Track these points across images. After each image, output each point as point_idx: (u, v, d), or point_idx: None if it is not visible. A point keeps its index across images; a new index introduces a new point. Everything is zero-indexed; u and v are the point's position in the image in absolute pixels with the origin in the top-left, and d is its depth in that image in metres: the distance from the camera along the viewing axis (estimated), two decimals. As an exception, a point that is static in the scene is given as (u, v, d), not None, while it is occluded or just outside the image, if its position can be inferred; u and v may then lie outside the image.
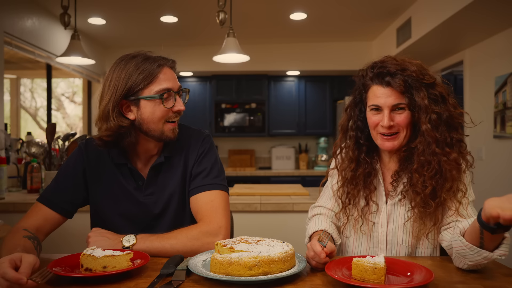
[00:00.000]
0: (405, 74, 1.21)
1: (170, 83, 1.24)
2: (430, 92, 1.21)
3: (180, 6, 3.83)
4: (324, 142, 5.60)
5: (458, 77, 5.34)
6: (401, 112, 1.22)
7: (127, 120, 1.22)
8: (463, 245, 1.02)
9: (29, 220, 1.24)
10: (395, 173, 1.29)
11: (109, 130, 1.20)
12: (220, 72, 5.33)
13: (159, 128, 1.24)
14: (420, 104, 1.20)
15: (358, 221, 1.32)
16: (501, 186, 3.42)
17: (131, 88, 1.20)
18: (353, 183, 1.31)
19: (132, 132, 1.24)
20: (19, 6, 3.48)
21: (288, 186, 3.16)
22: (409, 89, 1.21)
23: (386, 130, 1.23)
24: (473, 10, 2.87)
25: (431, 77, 1.23)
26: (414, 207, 1.23)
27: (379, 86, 1.23)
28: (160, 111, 1.23)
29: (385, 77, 1.22)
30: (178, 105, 1.25)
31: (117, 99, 1.20)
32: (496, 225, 0.92)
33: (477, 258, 1.00)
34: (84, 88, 5.30)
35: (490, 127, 3.60)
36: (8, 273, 0.85)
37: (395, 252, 1.29)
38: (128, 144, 1.26)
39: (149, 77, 1.20)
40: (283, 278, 0.96)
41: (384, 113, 1.22)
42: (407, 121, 1.22)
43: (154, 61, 1.23)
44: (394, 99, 1.21)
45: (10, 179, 3.05)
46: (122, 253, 1.02)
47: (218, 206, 1.27)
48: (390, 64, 1.23)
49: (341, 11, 4.03)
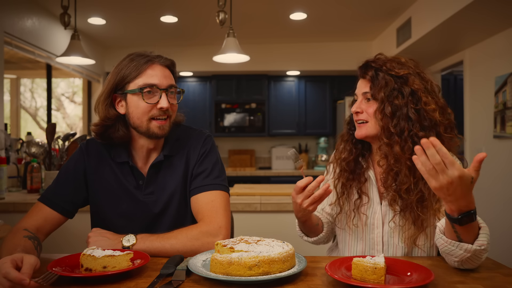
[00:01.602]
0: (376, 67, 1.30)
1: (155, 79, 1.24)
2: (396, 86, 1.25)
3: (180, 6, 3.83)
4: (324, 142, 5.60)
5: (458, 77, 5.34)
6: (369, 101, 1.30)
7: (114, 113, 1.26)
8: (444, 242, 1.03)
9: (30, 220, 1.24)
10: (382, 175, 1.31)
11: (98, 121, 1.27)
12: (220, 72, 5.33)
13: (144, 125, 1.25)
14: (378, 95, 1.27)
15: (350, 215, 1.35)
16: (501, 186, 3.42)
17: (120, 81, 1.24)
18: (346, 172, 1.37)
19: (119, 126, 1.28)
20: (19, 6, 3.48)
21: (288, 186, 3.16)
22: (375, 80, 1.28)
23: (356, 116, 1.33)
24: (473, 10, 2.87)
25: (403, 71, 1.27)
26: (401, 210, 1.25)
27: (360, 78, 1.36)
28: (142, 106, 1.23)
29: (362, 69, 1.34)
30: (162, 102, 1.23)
31: (108, 91, 1.25)
32: (459, 215, 0.96)
33: (459, 252, 1.00)
34: (84, 88, 5.30)
35: (490, 127, 3.60)
36: (11, 273, 0.85)
37: (391, 253, 1.29)
38: (116, 137, 1.28)
39: (135, 71, 1.23)
40: (283, 278, 0.96)
41: (358, 100, 1.34)
42: (373, 110, 1.28)
43: (145, 58, 1.25)
44: (363, 88, 1.32)
45: (10, 179, 3.06)
46: (122, 253, 1.02)
47: (219, 206, 1.27)
48: (371, 59, 1.34)
49: (341, 11, 4.03)
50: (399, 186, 1.23)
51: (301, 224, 1.35)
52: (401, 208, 1.25)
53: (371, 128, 1.29)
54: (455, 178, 0.89)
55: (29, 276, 0.87)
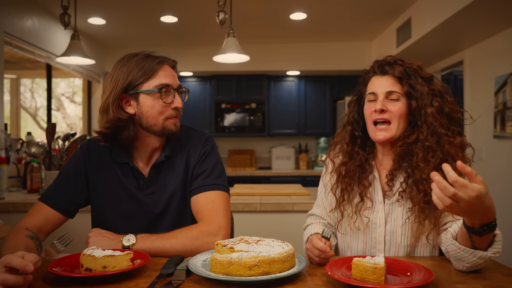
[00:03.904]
0: (404, 65, 1.27)
1: (169, 80, 1.26)
2: (429, 86, 1.25)
3: (180, 6, 3.83)
4: (324, 142, 5.60)
5: (458, 77, 5.34)
6: (396, 102, 1.25)
7: (126, 114, 1.25)
8: (457, 248, 1.02)
9: (31, 219, 1.24)
10: (390, 173, 1.30)
11: (108, 123, 1.24)
12: (220, 72, 5.33)
13: (159, 123, 1.26)
14: (421, 91, 1.23)
15: (353, 217, 1.33)
16: (501, 186, 3.42)
17: (131, 82, 1.23)
18: (347, 178, 1.33)
19: (131, 126, 1.27)
20: (19, 6, 3.48)
21: (288, 186, 3.16)
22: (407, 77, 1.25)
23: (378, 115, 1.25)
24: (473, 10, 2.87)
25: (429, 74, 1.28)
26: (414, 205, 1.23)
27: (377, 76, 1.30)
28: (159, 105, 1.25)
29: (384, 67, 1.28)
30: (176, 102, 1.27)
31: (117, 92, 1.23)
32: (481, 227, 0.93)
33: (473, 259, 1.00)
34: (84, 88, 5.30)
35: (490, 127, 3.60)
36: (15, 260, 0.87)
37: (393, 252, 1.29)
38: (127, 138, 1.27)
39: (149, 72, 1.24)
40: (283, 278, 0.96)
41: (378, 99, 1.26)
42: (400, 111, 1.25)
43: (155, 59, 1.27)
44: (390, 86, 1.26)
45: (10, 179, 3.06)
46: (122, 253, 1.02)
47: (219, 206, 1.28)
48: (390, 58, 1.30)
49: (341, 11, 4.03)
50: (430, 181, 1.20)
51: None
52: (420, 201, 1.20)
53: (394, 130, 1.25)
54: (473, 199, 0.84)
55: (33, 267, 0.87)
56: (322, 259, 1.10)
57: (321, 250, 1.09)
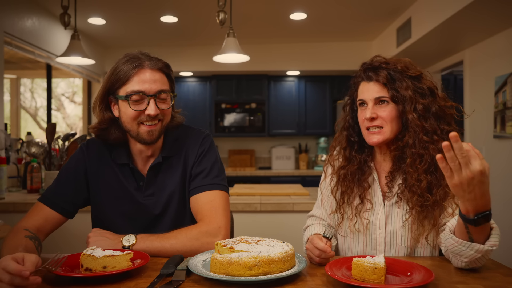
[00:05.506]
0: (388, 68, 1.26)
1: (143, 86, 1.21)
2: (416, 85, 1.24)
3: (180, 6, 3.83)
4: (324, 142, 5.60)
5: (458, 77, 5.34)
6: (385, 106, 1.25)
7: (110, 115, 1.28)
8: (454, 242, 1.03)
9: (30, 220, 1.24)
10: (388, 174, 1.30)
11: (95, 123, 1.29)
12: (220, 72, 5.33)
13: (134, 129, 1.25)
14: (404, 95, 1.23)
15: (353, 219, 1.33)
16: (501, 186, 3.42)
17: (111, 86, 1.25)
18: (346, 181, 1.33)
19: (115, 129, 1.29)
20: (19, 6, 3.48)
21: (288, 186, 3.16)
22: (392, 81, 1.25)
23: (369, 123, 1.26)
24: (473, 10, 2.87)
25: (417, 71, 1.26)
26: (411, 208, 1.23)
27: (365, 82, 1.29)
28: (130, 112, 1.23)
29: (369, 72, 1.28)
30: (149, 109, 1.21)
31: (102, 94, 1.27)
32: (475, 215, 0.95)
33: (470, 252, 1.00)
34: (84, 88, 5.30)
35: (490, 127, 3.60)
36: (10, 265, 0.85)
37: (393, 253, 1.29)
38: (115, 138, 1.30)
39: (123, 78, 1.22)
40: (283, 278, 0.96)
41: (368, 106, 1.27)
42: (391, 115, 1.25)
43: (134, 62, 1.22)
44: (377, 92, 1.25)
45: (10, 179, 3.06)
46: (122, 253, 1.02)
47: (218, 206, 1.27)
48: (375, 61, 1.29)
49: (341, 11, 4.03)
50: (421, 185, 1.20)
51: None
52: (416, 204, 1.21)
53: (387, 132, 1.25)
54: (476, 173, 0.88)
55: (30, 271, 0.87)
56: (322, 259, 1.10)
57: (322, 250, 1.09)
